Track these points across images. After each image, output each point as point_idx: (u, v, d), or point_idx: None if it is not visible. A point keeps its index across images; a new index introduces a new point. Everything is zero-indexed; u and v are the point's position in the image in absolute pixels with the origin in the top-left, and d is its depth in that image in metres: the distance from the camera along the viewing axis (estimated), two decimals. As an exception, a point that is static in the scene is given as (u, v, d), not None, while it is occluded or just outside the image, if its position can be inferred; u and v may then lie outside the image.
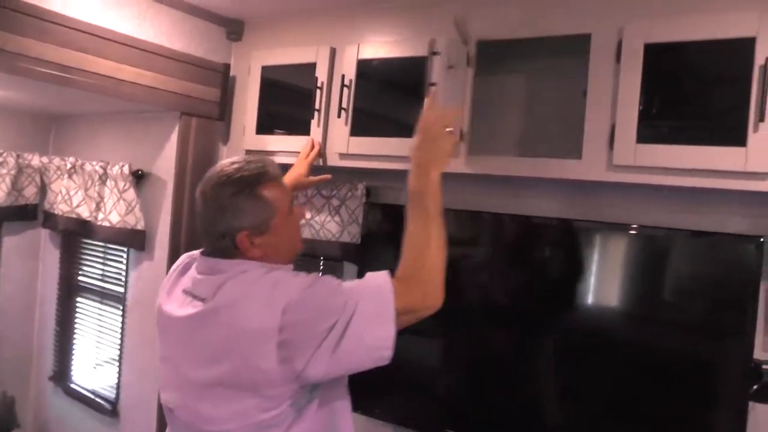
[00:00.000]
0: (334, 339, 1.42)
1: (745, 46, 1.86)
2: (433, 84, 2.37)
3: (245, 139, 2.98)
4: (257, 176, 1.54)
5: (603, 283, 2.34)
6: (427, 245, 1.59)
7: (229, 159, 1.60)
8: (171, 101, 2.86)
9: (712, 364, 2.06)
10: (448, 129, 1.69)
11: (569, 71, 2.32)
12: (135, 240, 3.10)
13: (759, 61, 1.84)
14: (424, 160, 1.67)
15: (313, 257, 3.13)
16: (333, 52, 2.74)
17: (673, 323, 2.17)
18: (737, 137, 1.88)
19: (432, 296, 1.56)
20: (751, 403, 2.02)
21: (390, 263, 2.73)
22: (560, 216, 2.45)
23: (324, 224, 2.94)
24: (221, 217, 1.52)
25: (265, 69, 2.94)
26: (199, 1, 2.86)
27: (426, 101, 1.78)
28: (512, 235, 2.57)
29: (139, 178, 3.13)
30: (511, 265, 2.57)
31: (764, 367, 2.03)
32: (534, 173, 2.28)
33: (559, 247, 2.45)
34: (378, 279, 1.54)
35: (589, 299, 2.36)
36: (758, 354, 2.05)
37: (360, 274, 2.75)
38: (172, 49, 2.85)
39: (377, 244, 2.82)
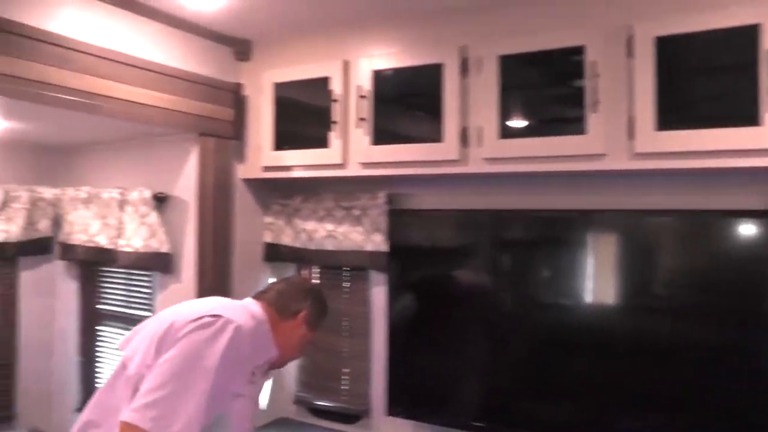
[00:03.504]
0: None
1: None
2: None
3: (263, 157, 3.04)
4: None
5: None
6: None
7: None
8: (189, 122, 2.91)
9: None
10: None
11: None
12: (160, 263, 3.13)
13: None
14: None
15: (338, 268, 3.19)
16: (346, 65, 2.82)
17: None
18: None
19: None
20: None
21: (418, 269, 2.85)
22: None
23: (347, 235, 3.00)
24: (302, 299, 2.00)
25: (277, 86, 3.01)
26: (206, 22, 2.91)
27: None
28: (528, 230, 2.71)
29: (160, 201, 3.16)
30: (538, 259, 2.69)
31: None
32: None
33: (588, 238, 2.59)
34: None
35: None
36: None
37: (389, 282, 2.85)
38: (185, 70, 2.89)
39: (404, 250, 2.88)
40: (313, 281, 2.13)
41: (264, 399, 3.32)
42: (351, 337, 3.18)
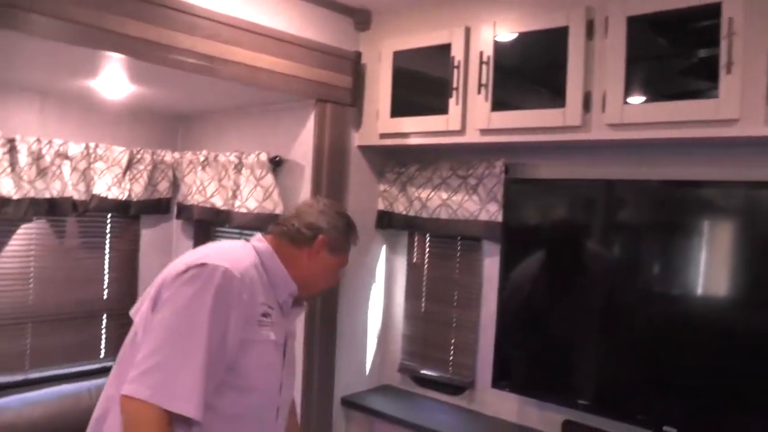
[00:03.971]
0: None
1: None
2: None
3: (380, 124, 3.07)
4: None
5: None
6: None
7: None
8: (307, 88, 2.97)
9: None
10: None
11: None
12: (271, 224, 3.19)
13: None
14: None
15: (451, 238, 3.17)
16: (468, 32, 2.79)
17: None
18: None
19: None
20: None
21: (534, 241, 2.78)
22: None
23: (461, 203, 2.98)
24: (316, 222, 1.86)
25: (396, 54, 3.02)
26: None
27: None
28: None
29: (276, 164, 3.23)
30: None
31: None
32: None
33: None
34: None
35: None
36: None
37: (503, 253, 2.80)
38: (305, 37, 2.95)
39: (520, 220, 2.83)
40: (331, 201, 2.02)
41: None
42: (460, 307, 3.17)
